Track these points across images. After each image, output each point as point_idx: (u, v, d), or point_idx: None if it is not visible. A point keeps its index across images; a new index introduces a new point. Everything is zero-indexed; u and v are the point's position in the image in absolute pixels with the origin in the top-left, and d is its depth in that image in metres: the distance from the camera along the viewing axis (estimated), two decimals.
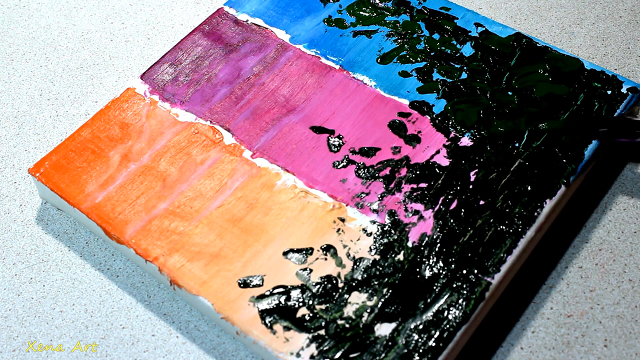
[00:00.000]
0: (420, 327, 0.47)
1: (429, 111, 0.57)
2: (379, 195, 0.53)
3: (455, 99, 0.57)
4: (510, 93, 0.57)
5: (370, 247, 0.50)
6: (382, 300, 0.48)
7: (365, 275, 0.49)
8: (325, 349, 0.46)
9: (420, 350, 0.46)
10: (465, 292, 0.48)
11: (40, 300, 0.52)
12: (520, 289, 0.51)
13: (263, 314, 0.48)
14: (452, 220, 0.51)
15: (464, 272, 0.49)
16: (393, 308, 0.48)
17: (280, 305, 0.48)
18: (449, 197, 0.52)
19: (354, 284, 0.49)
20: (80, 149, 0.56)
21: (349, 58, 0.60)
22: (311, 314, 0.48)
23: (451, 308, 0.47)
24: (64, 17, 0.69)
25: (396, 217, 0.51)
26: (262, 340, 0.47)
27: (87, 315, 0.51)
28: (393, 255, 0.50)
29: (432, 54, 0.60)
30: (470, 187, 0.52)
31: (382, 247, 0.50)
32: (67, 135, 0.59)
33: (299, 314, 0.48)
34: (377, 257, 0.50)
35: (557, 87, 0.57)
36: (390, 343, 0.46)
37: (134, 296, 0.52)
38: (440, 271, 0.49)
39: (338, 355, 0.46)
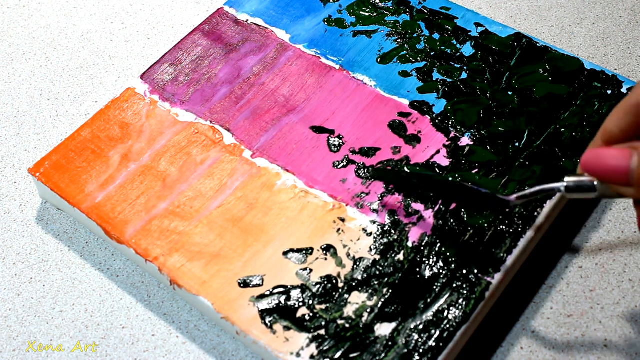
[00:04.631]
0: (420, 327, 0.47)
1: (429, 111, 0.57)
2: (379, 195, 0.53)
3: (455, 99, 0.57)
4: (510, 93, 0.57)
5: (370, 247, 0.50)
6: (382, 300, 0.48)
7: (365, 275, 0.49)
8: (325, 349, 0.46)
9: (420, 350, 0.46)
10: (465, 292, 0.48)
11: (40, 300, 0.52)
12: (520, 289, 0.51)
13: (263, 313, 0.48)
14: (452, 220, 0.51)
15: (464, 272, 0.49)
16: (393, 308, 0.48)
17: (280, 305, 0.48)
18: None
19: (354, 284, 0.49)
20: (80, 149, 0.56)
21: (349, 58, 0.60)
22: (311, 314, 0.48)
23: (451, 308, 0.47)
24: (64, 17, 0.69)
25: (396, 217, 0.51)
26: (262, 340, 0.47)
27: (87, 315, 0.51)
28: (393, 255, 0.50)
29: (432, 53, 0.60)
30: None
31: (382, 247, 0.50)
32: (67, 135, 0.59)
33: (299, 314, 0.48)
34: (377, 257, 0.50)
35: (557, 87, 0.57)
36: (390, 343, 0.46)
37: (134, 296, 0.52)
38: (440, 271, 0.49)
39: (338, 355, 0.46)
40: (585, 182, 0.44)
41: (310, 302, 0.48)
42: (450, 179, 0.53)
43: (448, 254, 0.50)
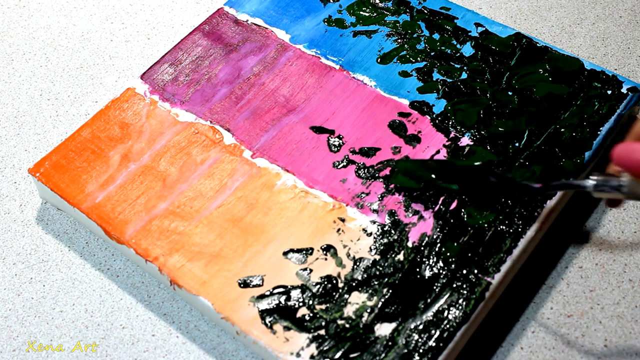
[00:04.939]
0: (420, 327, 0.47)
1: (429, 111, 0.57)
2: (379, 195, 0.53)
3: (455, 99, 0.57)
4: (510, 93, 0.57)
5: (370, 247, 0.50)
6: (382, 300, 0.48)
7: (365, 275, 0.49)
8: (325, 349, 0.46)
9: (420, 350, 0.46)
10: (465, 292, 0.48)
11: (40, 300, 0.52)
12: (520, 289, 0.51)
13: (263, 314, 0.48)
14: (452, 220, 0.51)
15: (464, 272, 0.49)
16: (393, 308, 0.48)
17: (280, 305, 0.48)
18: (449, 197, 0.52)
19: (354, 284, 0.49)
20: (80, 149, 0.56)
21: (349, 58, 0.60)
22: (311, 314, 0.48)
23: (451, 308, 0.47)
24: (64, 17, 0.69)
25: (396, 217, 0.51)
26: (262, 340, 0.47)
27: (87, 315, 0.51)
28: (393, 255, 0.50)
29: (432, 54, 0.60)
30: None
31: (382, 247, 0.50)
32: (67, 135, 0.59)
33: (299, 314, 0.48)
34: (377, 257, 0.50)
35: (557, 87, 0.57)
36: (390, 343, 0.46)
37: (134, 296, 0.52)
38: (440, 271, 0.49)
39: (338, 355, 0.46)
40: (613, 181, 0.44)
41: (310, 302, 0.48)
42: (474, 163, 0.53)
43: (448, 254, 0.50)
